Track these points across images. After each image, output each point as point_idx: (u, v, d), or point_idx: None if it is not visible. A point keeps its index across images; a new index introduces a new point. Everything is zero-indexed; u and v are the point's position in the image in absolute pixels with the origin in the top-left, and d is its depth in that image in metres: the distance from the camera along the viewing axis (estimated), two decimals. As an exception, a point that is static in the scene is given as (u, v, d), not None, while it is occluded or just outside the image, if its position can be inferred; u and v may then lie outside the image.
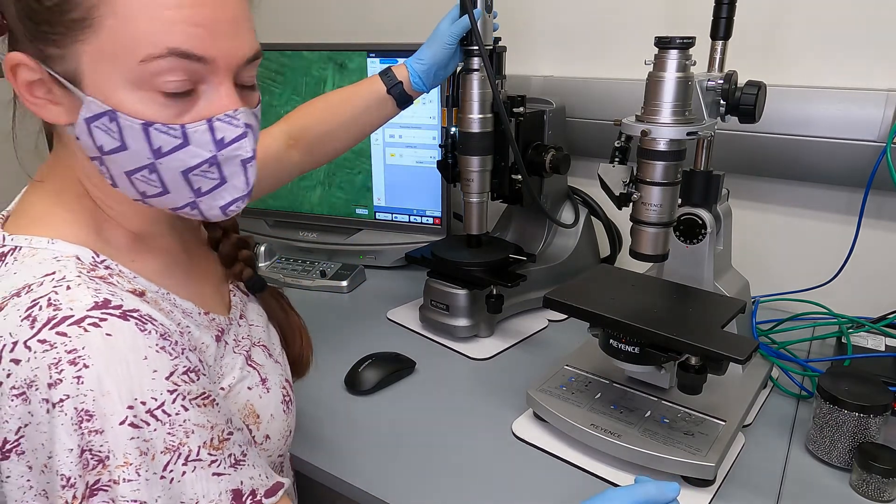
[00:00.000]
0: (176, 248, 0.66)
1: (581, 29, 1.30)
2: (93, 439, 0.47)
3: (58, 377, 0.47)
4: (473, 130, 1.01)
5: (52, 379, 0.47)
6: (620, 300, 0.83)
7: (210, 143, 0.54)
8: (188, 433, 0.51)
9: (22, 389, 0.47)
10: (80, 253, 0.55)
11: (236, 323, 0.69)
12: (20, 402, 0.47)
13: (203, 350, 0.61)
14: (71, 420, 0.47)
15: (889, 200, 1.09)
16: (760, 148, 1.12)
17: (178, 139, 0.53)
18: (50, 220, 0.57)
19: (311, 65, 1.35)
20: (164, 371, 0.51)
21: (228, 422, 0.56)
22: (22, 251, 0.54)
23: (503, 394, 0.94)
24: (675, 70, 0.74)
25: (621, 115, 0.80)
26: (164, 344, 0.52)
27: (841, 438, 0.78)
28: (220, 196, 0.57)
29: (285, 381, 0.71)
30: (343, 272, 1.33)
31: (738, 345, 0.71)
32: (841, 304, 1.09)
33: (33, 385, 0.47)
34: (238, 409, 0.63)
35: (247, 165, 0.57)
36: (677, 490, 0.63)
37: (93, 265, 0.55)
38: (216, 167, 0.55)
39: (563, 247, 1.23)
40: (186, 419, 0.51)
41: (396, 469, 0.80)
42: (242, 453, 0.56)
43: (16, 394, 0.47)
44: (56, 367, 0.47)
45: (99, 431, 0.47)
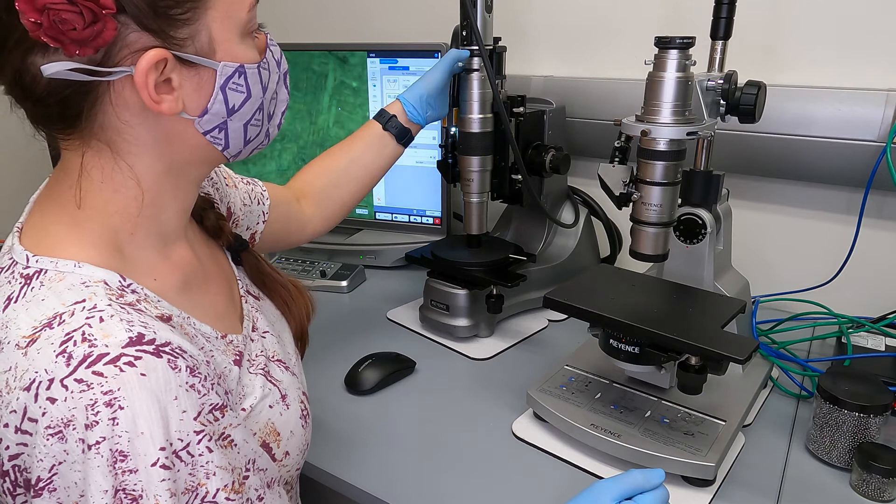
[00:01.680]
0: (190, 257, 0.66)
1: (581, 29, 1.30)
2: (126, 479, 0.47)
3: (94, 419, 0.47)
4: (473, 130, 1.01)
5: (88, 420, 0.47)
6: (620, 300, 0.83)
7: (275, 65, 0.61)
8: (208, 475, 0.51)
9: (59, 429, 0.47)
10: (107, 277, 0.54)
11: (249, 339, 0.69)
12: (56, 440, 0.47)
13: (226, 375, 0.61)
14: (107, 462, 0.47)
15: (889, 200, 1.09)
16: (760, 148, 1.12)
17: (267, 70, 0.60)
18: (72, 241, 0.56)
19: (312, 59, 1.35)
20: (193, 411, 0.51)
21: (250, 462, 0.56)
22: (48, 275, 0.53)
23: (503, 394, 0.94)
24: (675, 70, 0.74)
25: (621, 115, 0.80)
26: (193, 381, 0.51)
27: (841, 438, 0.78)
28: (277, 114, 0.65)
29: (302, 393, 0.71)
30: (343, 272, 1.33)
31: (738, 345, 0.71)
32: (841, 304, 1.09)
33: (70, 425, 0.47)
34: (259, 429, 0.63)
35: (286, 77, 0.65)
36: (662, 476, 0.64)
37: (121, 290, 0.54)
38: (277, 86, 0.62)
39: (563, 247, 1.23)
40: (209, 461, 0.51)
41: (396, 469, 0.80)
42: (259, 497, 0.56)
43: (52, 433, 0.47)
44: (93, 409, 0.47)
45: (133, 471, 0.48)
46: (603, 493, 0.62)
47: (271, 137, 0.66)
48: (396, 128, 0.96)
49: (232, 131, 0.59)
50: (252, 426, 0.62)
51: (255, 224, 0.87)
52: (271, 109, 0.63)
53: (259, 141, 0.63)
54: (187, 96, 0.54)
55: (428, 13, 1.47)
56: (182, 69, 0.53)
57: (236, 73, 0.56)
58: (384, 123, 0.96)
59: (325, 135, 1.40)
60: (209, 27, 0.53)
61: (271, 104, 0.62)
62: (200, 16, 0.52)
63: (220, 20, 0.53)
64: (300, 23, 1.68)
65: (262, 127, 0.62)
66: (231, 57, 0.55)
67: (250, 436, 0.58)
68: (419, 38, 1.32)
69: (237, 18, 0.55)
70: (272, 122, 0.64)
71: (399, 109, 0.97)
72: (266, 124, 0.63)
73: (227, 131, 0.58)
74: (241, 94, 0.57)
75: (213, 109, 0.56)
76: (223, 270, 0.73)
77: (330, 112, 1.37)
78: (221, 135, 0.58)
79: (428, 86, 0.97)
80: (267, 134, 0.64)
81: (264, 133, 0.63)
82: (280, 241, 0.94)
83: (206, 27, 0.53)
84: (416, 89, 0.97)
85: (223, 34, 0.54)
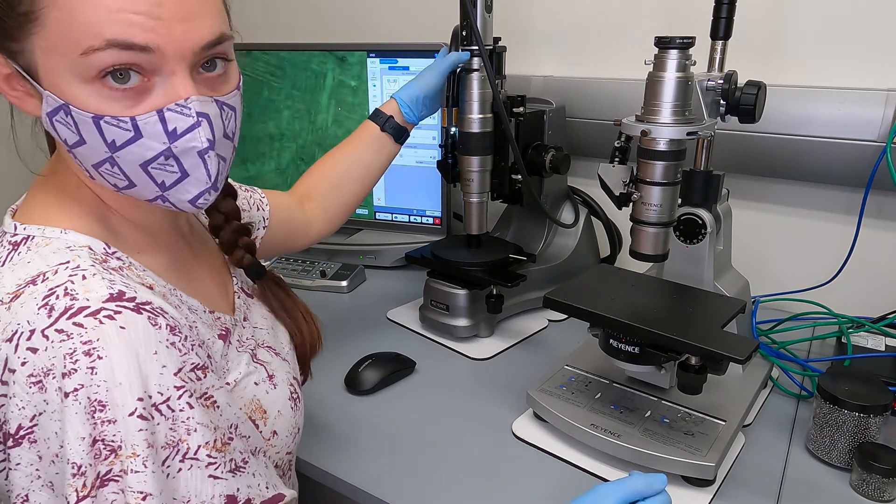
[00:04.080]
0: (181, 245, 0.67)
1: (581, 29, 1.30)
2: (105, 429, 0.48)
3: (73, 367, 0.48)
4: (473, 130, 1.01)
5: (66, 368, 0.48)
6: (620, 300, 0.83)
7: (163, 135, 0.53)
8: (189, 431, 0.51)
9: (38, 378, 0.48)
10: (91, 244, 0.56)
11: (240, 325, 0.69)
12: (37, 389, 0.48)
13: (210, 346, 0.61)
14: (84, 409, 0.48)
15: (889, 200, 1.09)
16: (760, 148, 1.12)
17: (129, 132, 0.52)
18: (60, 211, 0.57)
19: (310, 59, 1.35)
20: (173, 367, 0.51)
21: (233, 427, 0.56)
22: (35, 240, 0.55)
23: (503, 394, 0.94)
24: (675, 70, 0.74)
25: (621, 115, 0.80)
26: (174, 339, 0.52)
27: (841, 438, 0.78)
28: (186, 190, 0.56)
29: (293, 378, 0.71)
30: (343, 272, 1.33)
31: (738, 345, 0.71)
32: (841, 304, 1.09)
33: (50, 373, 0.48)
34: (245, 404, 0.63)
35: (205, 157, 0.55)
36: (664, 481, 0.63)
37: (105, 256, 0.56)
38: (173, 159, 0.54)
39: (563, 247, 1.23)
40: (190, 417, 0.52)
41: (396, 469, 0.80)
42: (244, 461, 0.56)
43: (33, 381, 0.48)
44: (71, 358, 0.48)
45: (111, 421, 0.48)
46: (605, 497, 0.61)
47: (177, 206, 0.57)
48: (394, 128, 0.97)
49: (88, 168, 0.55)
50: (237, 401, 0.62)
51: (256, 230, 0.87)
52: (161, 179, 0.55)
53: (144, 196, 0.57)
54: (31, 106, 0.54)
55: (428, 13, 1.47)
56: (21, 78, 0.52)
57: (62, 110, 0.51)
58: (382, 124, 0.97)
59: (324, 134, 1.40)
60: (33, 52, 0.51)
61: (156, 173, 0.55)
62: (25, 38, 0.50)
63: (44, 49, 0.50)
64: (300, 23, 1.68)
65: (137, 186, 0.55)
66: (57, 91, 0.51)
67: (235, 402, 0.58)
68: (419, 38, 1.32)
69: (66, 57, 0.49)
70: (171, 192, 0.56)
71: (395, 109, 0.97)
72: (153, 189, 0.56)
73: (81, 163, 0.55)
74: (73, 135, 0.52)
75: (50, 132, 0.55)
76: (217, 265, 0.73)
77: (329, 111, 1.37)
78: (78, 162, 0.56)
79: (424, 87, 0.97)
80: (164, 199, 0.57)
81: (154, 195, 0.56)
82: (285, 244, 0.94)
83: (31, 51, 0.51)
84: (412, 90, 0.97)
85: (48, 65, 0.51)
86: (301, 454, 0.82)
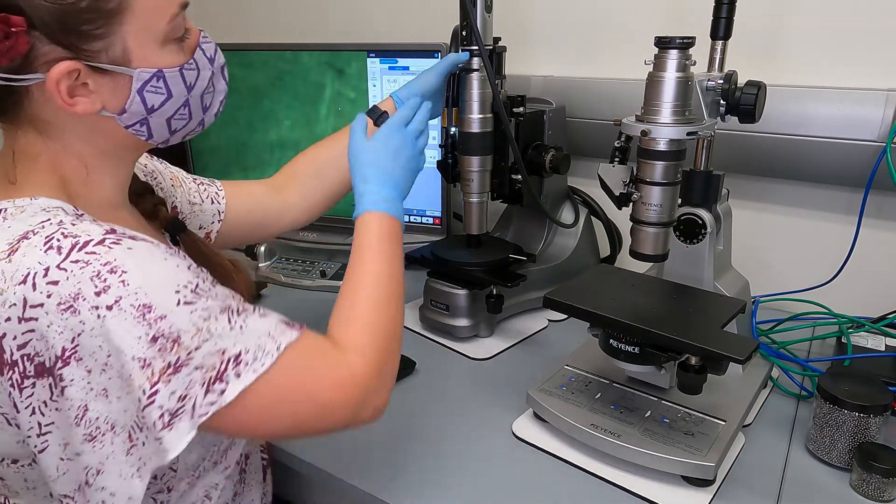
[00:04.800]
0: (131, 222, 0.70)
1: (581, 29, 1.30)
2: (160, 325, 0.53)
3: (103, 286, 0.52)
4: (473, 130, 1.01)
5: (97, 288, 0.52)
6: (620, 300, 0.83)
7: (207, 63, 0.67)
8: (226, 297, 0.59)
9: (69, 304, 0.52)
10: (62, 206, 0.60)
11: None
12: (69, 314, 0.52)
13: None
14: (133, 316, 0.52)
15: (889, 200, 1.09)
16: (760, 148, 1.12)
17: (195, 70, 0.65)
18: (26, 187, 0.61)
19: (309, 70, 1.35)
20: (184, 265, 0.58)
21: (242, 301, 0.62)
22: (8, 211, 0.58)
23: (503, 394, 0.94)
24: (675, 70, 0.74)
25: (621, 115, 0.80)
26: (172, 252, 0.58)
27: (841, 438, 0.78)
28: (214, 104, 0.70)
29: None
30: (343, 272, 1.32)
31: (738, 345, 0.71)
32: (841, 304, 1.09)
33: (79, 297, 0.52)
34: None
35: (224, 69, 0.70)
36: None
37: (77, 215, 0.59)
38: (211, 81, 0.68)
39: (563, 247, 1.23)
40: (219, 291, 0.59)
41: (396, 469, 0.80)
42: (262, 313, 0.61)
43: (63, 308, 0.51)
44: (99, 278, 0.52)
45: (162, 318, 0.53)
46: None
47: (206, 125, 0.71)
48: None
49: (154, 125, 0.65)
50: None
51: (210, 223, 0.90)
52: (207, 102, 0.69)
53: (190, 129, 0.69)
54: (105, 98, 0.60)
55: (428, 13, 1.47)
56: (97, 76, 0.58)
57: (154, 78, 0.61)
58: (375, 119, 0.96)
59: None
60: (124, 39, 0.58)
61: (205, 98, 0.68)
62: (115, 30, 0.57)
63: (135, 32, 0.58)
64: (300, 23, 1.68)
65: (192, 118, 0.68)
66: (148, 63, 0.60)
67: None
68: (419, 38, 1.32)
69: (155, 29, 0.60)
70: (208, 113, 0.70)
71: (391, 106, 0.96)
72: (200, 115, 0.69)
73: (150, 125, 0.64)
74: (161, 96, 0.63)
75: (131, 109, 0.62)
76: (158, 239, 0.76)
77: (328, 121, 1.38)
78: (144, 128, 0.64)
79: (423, 87, 0.96)
80: (201, 123, 0.70)
81: (197, 122, 0.69)
82: (252, 233, 0.97)
83: (121, 39, 0.58)
84: (411, 89, 0.96)
85: (139, 44, 0.59)
86: (301, 454, 0.82)
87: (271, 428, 0.62)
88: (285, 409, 0.60)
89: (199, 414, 0.54)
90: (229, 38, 1.51)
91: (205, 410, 0.54)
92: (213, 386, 0.55)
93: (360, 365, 0.64)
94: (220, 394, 0.55)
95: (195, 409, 0.54)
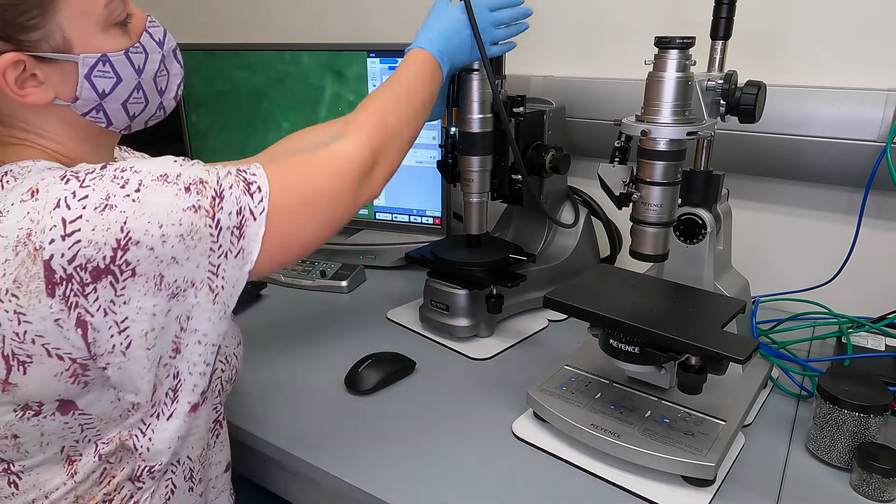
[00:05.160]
0: None
1: (581, 29, 1.31)
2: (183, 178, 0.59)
3: (124, 179, 0.57)
4: (473, 130, 1.01)
5: (121, 183, 0.56)
6: (620, 300, 0.83)
7: (156, 46, 0.69)
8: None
9: (104, 203, 0.55)
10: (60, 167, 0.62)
11: None
12: (108, 211, 0.55)
13: None
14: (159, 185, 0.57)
15: (889, 200, 1.09)
16: (760, 148, 1.12)
17: (142, 53, 0.67)
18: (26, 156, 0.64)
19: (309, 72, 1.35)
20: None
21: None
22: (14, 171, 0.62)
23: (503, 394, 0.94)
24: (675, 70, 0.74)
25: (621, 115, 0.80)
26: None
27: (841, 438, 0.78)
28: (171, 88, 0.72)
29: None
30: (343, 272, 1.33)
31: (738, 345, 0.71)
32: (841, 304, 1.09)
33: (110, 196, 0.56)
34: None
35: (176, 52, 0.72)
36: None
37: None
38: (163, 64, 0.70)
39: (563, 247, 1.23)
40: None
41: (396, 469, 0.80)
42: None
43: (101, 209, 0.55)
44: (117, 178, 0.57)
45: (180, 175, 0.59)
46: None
47: (167, 109, 0.73)
48: None
49: (111, 111, 0.67)
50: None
51: None
52: (161, 85, 0.70)
53: (149, 113, 0.71)
54: (56, 87, 0.62)
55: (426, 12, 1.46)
56: (43, 66, 0.61)
57: (100, 63, 0.63)
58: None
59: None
60: (61, 27, 0.60)
61: (159, 81, 0.70)
62: (50, 18, 0.59)
63: (72, 18, 0.60)
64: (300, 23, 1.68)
65: (149, 102, 0.70)
66: (91, 49, 0.62)
67: None
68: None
69: (92, 14, 0.61)
70: (166, 96, 0.72)
71: None
72: (157, 98, 0.71)
73: (106, 111, 0.66)
74: (111, 80, 0.65)
75: (83, 95, 0.64)
76: None
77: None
78: (101, 115, 0.67)
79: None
80: (160, 107, 0.72)
81: (155, 106, 0.71)
82: None
83: (59, 27, 0.60)
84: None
85: (78, 30, 0.61)
86: (301, 454, 0.82)
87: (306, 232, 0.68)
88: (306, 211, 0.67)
89: (257, 212, 0.62)
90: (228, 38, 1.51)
91: (260, 208, 0.62)
92: (251, 190, 0.62)
93: (352, 146, 0.72)
94: (259, 191, 0.63)
95: (253, 212, 0.62)
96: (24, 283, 0.54)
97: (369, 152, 0.73)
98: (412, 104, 0.81)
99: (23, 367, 0.57)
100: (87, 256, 0.54)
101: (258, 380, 0.98)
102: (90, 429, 0.63)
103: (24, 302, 0.54)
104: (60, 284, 0.54)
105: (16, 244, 0.54)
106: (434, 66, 0.85)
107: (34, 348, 0.56)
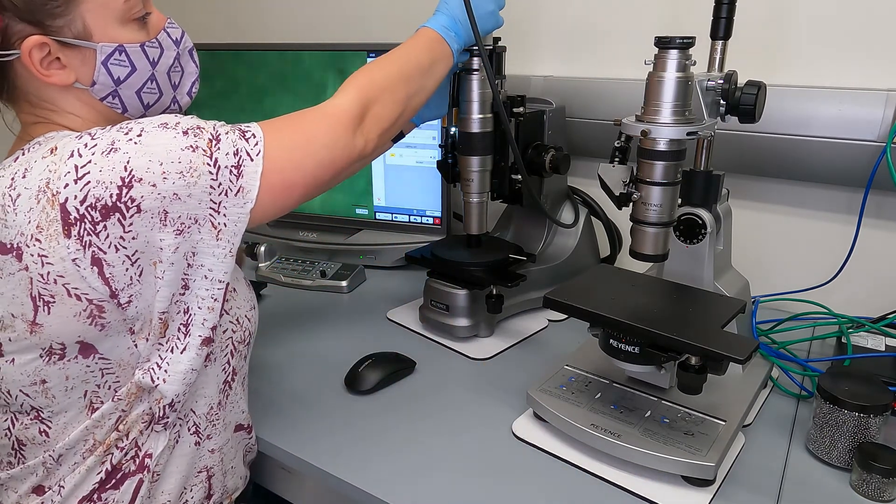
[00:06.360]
0: None
1: (581, 29, 1.30)
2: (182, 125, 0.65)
3: (128, 128, 0.63)
4: (473, 130, 1.01)
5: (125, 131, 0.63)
6: (620, 300, 0.83)
7: (172, 44, 0.75)
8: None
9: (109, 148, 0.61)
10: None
11: None
12: (113, 153, 0.61)
13: None
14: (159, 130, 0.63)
15: (889, 200, 1.09)
16: (760, 148, 1.12)
17: (158, 48, 0.73)
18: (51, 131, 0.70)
19: (311, 71, 1.35)
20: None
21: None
22: (39, 141, 0.67)
23: (503, 394, 0.94)
24: (675, 70, 0.74)
25: (621, 115, 0.80)
26: None
27: (841, 438, 0.78)
28: (185, 84, 0.79)
29: None
30: (343, 272, 1.33)
31: (738, 345, 0.71)
32: (841, 304, 1.09)
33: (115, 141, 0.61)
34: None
35: (192, 53, 0.78)
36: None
37: None
38: (178, 61, 0.76)
39: (563, 247, 1.23)
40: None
41: (396, 469, 0.80)
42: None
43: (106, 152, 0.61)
44: (123, 127, 0.63)
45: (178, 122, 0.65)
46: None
47: (183, 105, 0.79)
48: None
49: (126, 97, 0.72)
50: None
51: None
52: (175, 80, 0.77)
53: (163, 105, 0.76)
54: (77, 70, 0.68)
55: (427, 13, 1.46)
56: (66, 49, 0.67)
57: (116, 52, 0.69)
58: None
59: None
60: (83, 16, 0.66)
61: (173, 76, 0.76)
62: (74, 8, 0.65)
63: (94, 10, 0.66)
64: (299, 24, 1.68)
65: (163, 94, 0.75)
66: (109, 38, 0.68)
67: None
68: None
69: (112, 8, 0.68)
70: (179, 91, 0.78)
71: None
72: (171, 92, 0.77)
73: (121, 97, 0.72)
74: (126, 68, 0.70)
75: (100, 80, 0.70)
76: None
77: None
78: (117, 100, 0.72)
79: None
80: (174, 100, 0.78)
81: (169, 99, 0.77)
82: None
83: (81, 17, 0.66)
84: None
85: (98, 21, 0.67)
86: (300, 454, 0.82)
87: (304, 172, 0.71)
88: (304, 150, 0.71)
89: (253, 153, 0.66)
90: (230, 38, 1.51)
91: (256, 150, 0.66)
92: (245, 136, 0.67)
93: (340, 99, 0.76)
94: (253, 136, 0.67)
95: (249, 154, 0.66)
96: (45, 227, 0.60)
97: (357, 103, 0.76)
98: (401, 63, 0.84)
99: (47, 307, 0.62)
100: (96, 196, 0.59)
101: (258, 379, 0.98)
102: (110, 374, 0.68)
103: (46, 245, 0.60)
104: (75, 225, 0.59)
105: (38, 193, 0.60)
106: (432, 36, 0.88)
107: (56, 288, 0.61)
